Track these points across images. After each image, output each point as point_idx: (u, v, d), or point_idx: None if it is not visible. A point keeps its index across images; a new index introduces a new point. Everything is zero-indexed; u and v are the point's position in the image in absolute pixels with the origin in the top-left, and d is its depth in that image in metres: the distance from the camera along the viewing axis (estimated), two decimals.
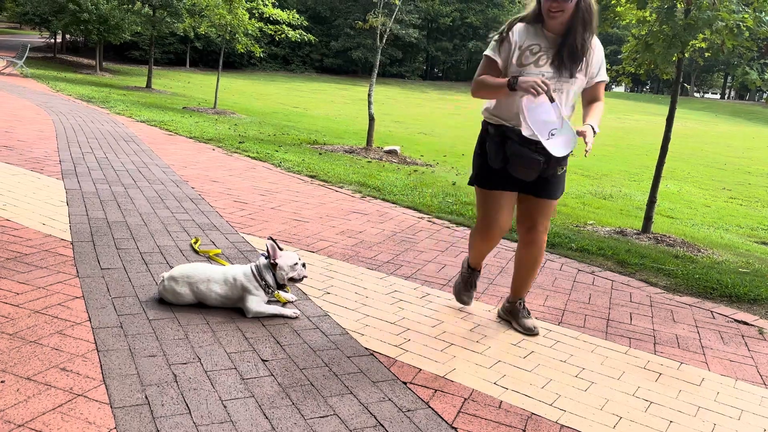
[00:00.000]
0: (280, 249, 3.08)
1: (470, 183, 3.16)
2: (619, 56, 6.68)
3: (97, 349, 2.46)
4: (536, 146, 2.80)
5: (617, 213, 7.62)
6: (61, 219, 4.18)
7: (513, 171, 2.92)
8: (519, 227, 3.17)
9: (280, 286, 3.08)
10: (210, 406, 2.15)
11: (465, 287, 3.37)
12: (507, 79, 2.80)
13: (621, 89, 72.39)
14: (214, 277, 3.00)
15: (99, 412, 2.04)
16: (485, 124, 3.05)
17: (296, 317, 2.99)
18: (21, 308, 2.75)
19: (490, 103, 3.03)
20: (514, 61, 2.87)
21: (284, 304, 3.11)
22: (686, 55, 5.66)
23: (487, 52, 2.96)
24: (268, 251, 3.02)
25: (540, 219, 3.09)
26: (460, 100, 37.94)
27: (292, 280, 3.07)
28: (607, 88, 3.57)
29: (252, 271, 3.03)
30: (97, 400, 2.11)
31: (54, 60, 30.41)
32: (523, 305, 3.21)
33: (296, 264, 3.07)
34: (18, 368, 2.26)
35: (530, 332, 3.10)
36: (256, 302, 2.97)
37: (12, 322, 2.60)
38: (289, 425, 2.09)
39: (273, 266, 3.03)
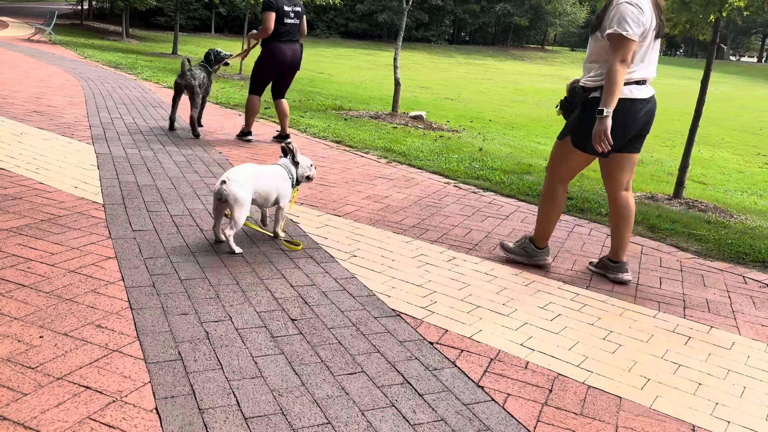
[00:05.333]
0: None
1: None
2: None
3: (130, 307, 2.52)
4: None
5: (648, 178, 7.49)
6: (93, 182, 4.26)
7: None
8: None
9: (297, 183, 3.61)
10: (241, 362, 2.20)
11: None
12: None
13: None
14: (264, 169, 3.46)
15: (134, 367, 2.10)
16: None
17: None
18: (56, 268, 2.82)
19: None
20: None
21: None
22: (724, 14, 5.46)
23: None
24: (291, 150, 3.54)
25: None
26: (486, 65, 37.35)
27: (308, 178, 3.64)
28: None
29: (282, 166, 3.54)
30: (131, 356, 2.17)
31: (81, 27, 30.58)
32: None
33: (312, 165, 3.66)
34: (55, 324, 2.32)
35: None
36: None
37: (48, 281, 2.67)
38: (318, 381, 2.13)
39: (295, 164, 3.56)
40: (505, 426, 2.00)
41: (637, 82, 3.13)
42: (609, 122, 3.02)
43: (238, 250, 3.24)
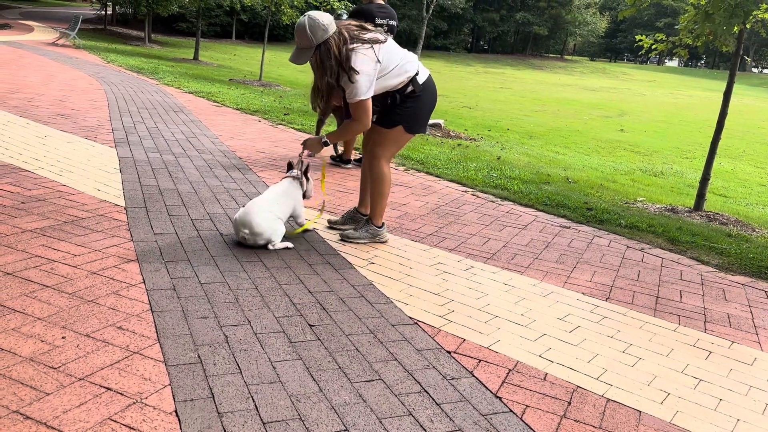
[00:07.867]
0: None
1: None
2: (675, 27, 6.43)
3: (151, 309, 2.55)
4: None
5: (668, 190, 7.42)
6: (115, 185, 4.31)
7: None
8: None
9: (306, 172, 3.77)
10: (260, 366, 2.21)
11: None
12: None
13: (674, 64, 69.85)
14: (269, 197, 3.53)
15: (154, 369, 2.12)
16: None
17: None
18: (79, 269, 2.86)
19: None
20: None
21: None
22: (748, 26, 5.41)
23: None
24: (302, 166, 3.70)
25: None
26: (505, 74, 37.29)
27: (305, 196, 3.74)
28: (660, 62, 3.55)
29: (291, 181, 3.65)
30: (152, 358, 2.19)
31: (104, 32, 31.03)
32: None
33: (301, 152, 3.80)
34: (77, 326, 2.35)
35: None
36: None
37: (71, 282, 2.71)
38: (336, 387, 2.13)
39: (307, 180, 3.72)
40: None
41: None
42: (321, 147, 3.64)
43: (289, 245, 3.49)
